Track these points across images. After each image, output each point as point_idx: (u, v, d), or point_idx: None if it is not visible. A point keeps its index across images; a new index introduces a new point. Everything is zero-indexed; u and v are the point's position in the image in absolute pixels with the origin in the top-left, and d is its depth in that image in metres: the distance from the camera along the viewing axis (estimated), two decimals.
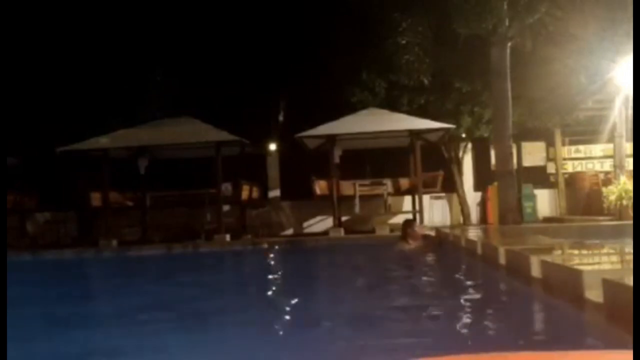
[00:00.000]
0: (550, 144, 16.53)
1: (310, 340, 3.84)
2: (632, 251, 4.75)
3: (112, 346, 3.88)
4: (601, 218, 12.90)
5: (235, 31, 17.57)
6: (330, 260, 10.83)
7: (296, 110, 16.86)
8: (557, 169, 16.35)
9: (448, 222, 16.04)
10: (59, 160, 15.03)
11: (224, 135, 14.05)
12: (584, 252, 5.78)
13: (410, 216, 14.27)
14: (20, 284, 6.93)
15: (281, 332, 4.35)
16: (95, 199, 14.80)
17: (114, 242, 13.29)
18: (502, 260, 6.01)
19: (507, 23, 12.81)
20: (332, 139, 13.85)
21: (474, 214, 16.21)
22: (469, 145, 16.54)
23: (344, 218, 14.72)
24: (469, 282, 6.43)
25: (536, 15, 12.63)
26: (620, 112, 13.12)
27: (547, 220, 15.13)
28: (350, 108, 14.79)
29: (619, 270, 4.21)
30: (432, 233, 12.08)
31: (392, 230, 12.82)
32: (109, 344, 3.98)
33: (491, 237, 10.24)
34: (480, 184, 16.24)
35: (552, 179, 16.53)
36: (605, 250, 5.66)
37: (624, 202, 12.15)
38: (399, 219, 12.74)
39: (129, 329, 4.38)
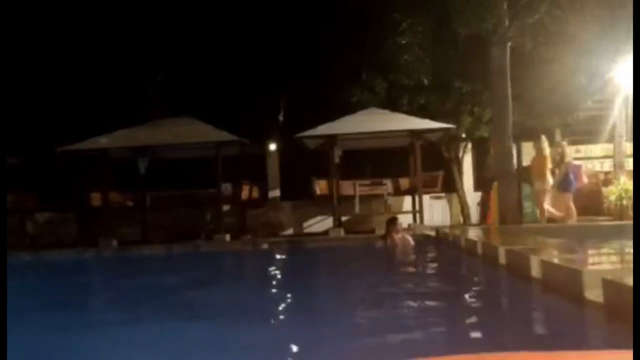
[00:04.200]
0: (550, 144, 16.49)
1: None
2: (632, 251, 4.75)
3: None
4: (601, 218, 12.89)
5: (236, 31, 17.56)
6: (331, 260, 10.84)
7: (296, 110, 16.85)
8: None
9: (448, 222, 16.03)
10: (59, 160, 15.03)
11: (224, 135, 14.06)
12: (584, 252, 5.78)
13: (410, 216, 14.30)
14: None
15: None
16: (95, 199, 14.81)
17: (114, 242, 13.30)
18: (502, 260, 6.02)
19: (507, 23, 12.80)
20: (332, 139, 13.85)
21: (474, 214, 16.20)
22: (469, 145, 16.54)
23: (344, 218, 14.72)
24: (469, 282, 6.43)
25: (536, 15, 12.61)
26: (620, 112, 13.13)
27: (547, 220, 15.10)
28: (350, 108, 14.79)
29: (619, 270, 4.21)
30: (432, 233, 12.10)
31: None
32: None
33: (491, 237, 10.24)
34: (480, 184, 16.23)
35: None
36: (605, 250, 5.66)
37: (624, 202, 12.15)
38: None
39: None
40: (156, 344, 3.84)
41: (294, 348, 3.67)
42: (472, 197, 16.30)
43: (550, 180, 11.85)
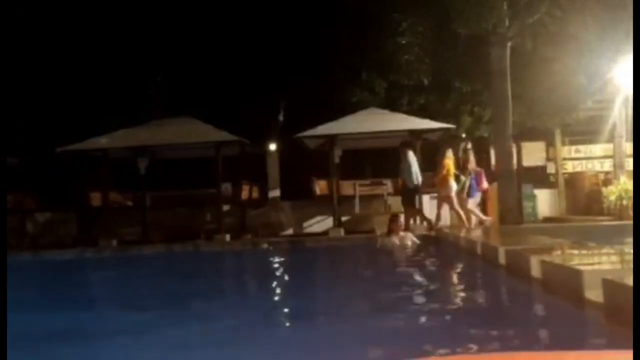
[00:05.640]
0: (550, 144, 16.51)
1: None
2: (632, 251, 4.75)
3: None
4: (601, 218, 12.90)
5: (236, 31, 17.57)
6: (332, 260, 10.84)
7: (296, 110, 16.86)
8: (557, 169, 16.33)
9: (448, 222, 16.00)
10: (59, 160, 15.03)
11: (224, 135, 14.06)
12: (584, 252, 5.78)
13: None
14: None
15: None
16: (95, 199, 14.80)
17: (114, 242, 13.29)
18: (502, 260, 6.02)
19: (507, 23, 12.81)
20: (332, 139, 13.85)
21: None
22: (469, 145, 16.50)
23: (344, 218, 14.70)
24: (468, 283, 6.43)
25: (536, 15, 12.62)
26: (620, 112, 13.13)
27: (547, 220, 15.11)
28: (350, 108, 14.78)
29: (619, 270, 4.21)
30: (432, 233, 12.10)
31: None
32: None
33: (491, 237, 10.24)
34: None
35: (552, 179, 16.51)
36: (605, 250, 5.66)
37: (624, 202, 12.16)
38: None
39: None
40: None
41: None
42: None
43: (453, 186, 12.09)
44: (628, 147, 13.31)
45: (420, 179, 12.56)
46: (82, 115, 16.42)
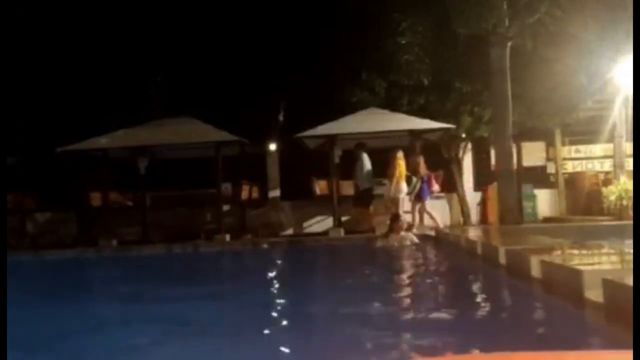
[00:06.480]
0: (550, 144, 16.51)
1: None
2: (632, 251, 4.75)
3: None
4: (601, 218, 12.90)
5: (236, 31, 17.56)
6: (332, 259, 10.85)
7: (296, 110, 16.85)
8: (557, 169, 16.34)
9: (448, 222, 16.01)
10: (59, 160, 15.04)
11: (224, 135, 14.06)
12: (584, 252, 5.78)
13: (410, 216, 14.27)
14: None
15: None
16: (95, 199, 14.81)
17: (114, 242, 13.30)
18: (502, 260, 6.02)
19: (507, 23, 12.81)
20: (332, 139, 13.85)
21: (474, 214, 16.18)
22: (469, 145, 16.52)
23: (344, 218, 14.71)
24: (468, 283, 6.43)
25: (536, 15, 12.62)
26: (620, 112, 13.14)
27: (547, 220, 15.12)
28: (350, 108, 14.78)
29: (619, 270, 4.22)
30: (432, 233, 12.10)
31: None
32: None
33: (491, 237, 10.25)
34: (480, 184, 16.22)
35: (552, 179, 16.52)
36: (605, 250, 5.66)
37: (624, 202, 12.17)
38: None
39: None
40: None
41: None
42: (472, 197, 16.28)
43: (404, 188, 12.38)
44: (628, 147, 13.31)
45: (371, 181, 12.83)
46: (82, 115, 16.41)
